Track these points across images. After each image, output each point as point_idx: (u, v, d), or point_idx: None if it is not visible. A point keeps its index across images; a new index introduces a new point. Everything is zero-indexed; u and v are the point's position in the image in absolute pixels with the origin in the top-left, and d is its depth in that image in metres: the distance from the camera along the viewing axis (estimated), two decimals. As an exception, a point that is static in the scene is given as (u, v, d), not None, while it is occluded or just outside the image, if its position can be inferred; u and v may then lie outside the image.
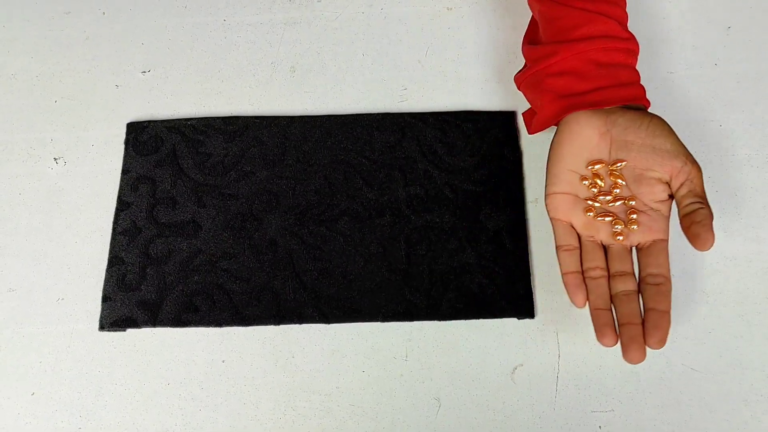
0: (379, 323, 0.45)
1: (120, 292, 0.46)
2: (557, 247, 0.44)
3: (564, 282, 0.42)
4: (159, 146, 0.51)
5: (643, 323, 0.40)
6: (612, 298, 0.42)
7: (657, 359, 0.44)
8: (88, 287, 0.46)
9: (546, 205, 0.44)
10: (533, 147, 0.50)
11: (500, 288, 0.46)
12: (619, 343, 0.40)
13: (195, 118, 0.52)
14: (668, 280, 0.41)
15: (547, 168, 0.45)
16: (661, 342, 0.39)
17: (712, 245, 0.40)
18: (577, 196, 0.44)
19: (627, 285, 0.42)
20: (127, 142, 0.51)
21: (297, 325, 0.45)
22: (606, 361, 0.44)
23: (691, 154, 0.42)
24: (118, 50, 0.55)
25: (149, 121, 0.52)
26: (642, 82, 0.46)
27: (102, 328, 0.45)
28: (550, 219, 0.44)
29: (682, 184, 0.42)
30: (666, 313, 0.40)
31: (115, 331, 0.45)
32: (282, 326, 0.45)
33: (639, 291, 0.42)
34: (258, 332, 0.45)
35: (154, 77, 0.54)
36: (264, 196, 0.49)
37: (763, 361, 0.43)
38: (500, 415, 0.42)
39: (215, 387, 0.43)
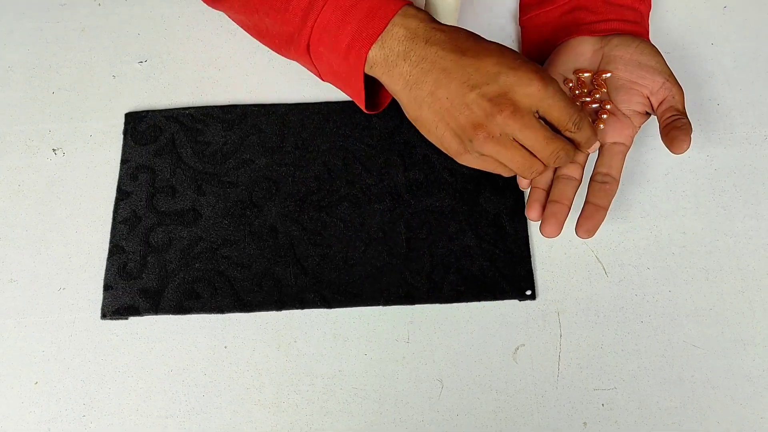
0: (380, 307, 0.45)
1: (121, 281, 0.46)
2: None
3: None
4: (158, 135, 0.51)
5: (581, 212, 0.43)
6: (553, 180, 0.44)
7: (659, 336, 0.44)
8: (89, 276, 0.46)
9: None
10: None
11: (501, 270, 0.46)
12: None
13: (193, 107, 0.52)
14: (615, 181, 0.43)
15: None
16: (589, 232, 0.42)
17: (687, 147, 0.42)
18: None
19: (570, 172, 0.44)
20: (125, 132, 0.51)
21: (299, 311, 0.45)
22: (608, 340, 0.44)
23: (674, 77, 0.45)
24: (114, 41, 0.55)
25: (147, 111, 0.52)
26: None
27: (104, 316, 0.45)
28: None
29: (663, 100, 0.44)
30: (602, 209, 0.42)
31: (117, 319, 0.45)
32: (284, 312, 0.45)
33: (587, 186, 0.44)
34: (260, 318, 0.45)
35: (151, 67, 0.54)
36: (263, 183, 0.49)
37: (764, 337, 0.43)
38: (503, 395, 0.42)
39: (218, 373, 0.43)
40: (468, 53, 0.39)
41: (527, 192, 0.48)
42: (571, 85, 0.47)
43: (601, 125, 0.45)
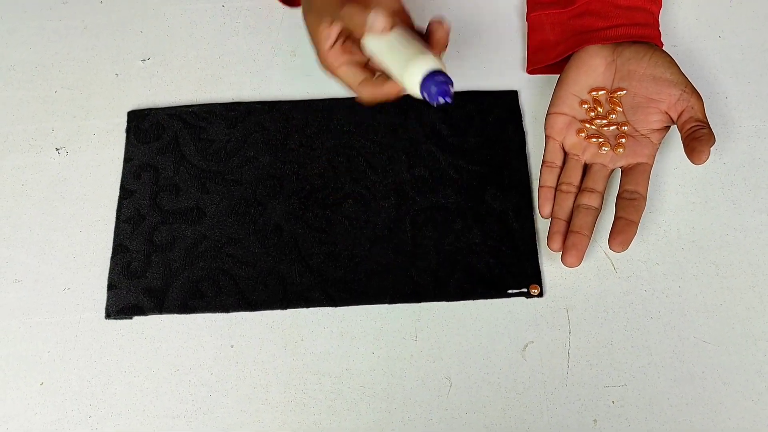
0: (386, 305, 0.45)
1: (125, 280, 0.46)
2: (542, 162, 0.46)
3: (538, 193, 0.46)
4: (161, 134, 0.50)
5: (611, 232, 0.43)
6: (573, 210, 0.44)
7: (669, 332, 0.43)
8: (93, 276, 0.46)
9: (545, 123, 0.47)
10: (537, 126, 0.50)
11: (508, 267, 0.45)
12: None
13: (196, 105, 0.51)
14: (643, 198, 0.44)
15: (553, 91, 0.47)
16: (623, 245, 0.42)
17: (706, 159, 0.42)
18: (574, 117, 0.47)
19: (590, 201, 0.44)
20: (128, 131, 0.51)
21: (304, 309, 0.45)
22: (617, 336, 0.43)
23: (692, 85, 0.44)
24: (116, 39, 0.55)
25: (150, 109, 0.51)
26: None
27: (108, 316, 0.45)
28: (545, 136, 0.47)
29: (683, 111, 0.44)
30: (633, 223, 0.43)
31: (122, 319, 0.45)
32: (290, 310, 0.45)
33: (604, 206, 0.45)
34: (266, 317, 0.45)
35: (154, 65, 0.53)
36: (268, 181, 0.49)
37: (775, 332, 0.43)
38: (512, 392, 0.42)
39: (225, 372, 0.43)
40: None
41: (535, 190, 0.47)
42: (586, 107, 0.47)
43: (620, 149, 0.45)
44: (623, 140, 0.45)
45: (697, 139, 0.42)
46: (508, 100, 0.51)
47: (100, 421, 0.42)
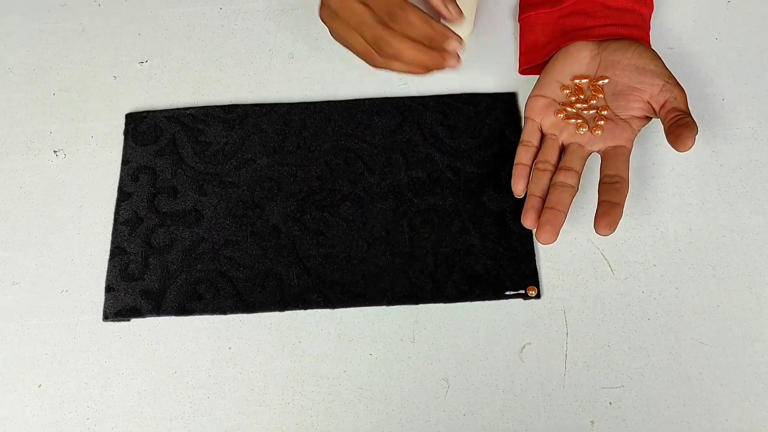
0: (384, 307, 0.45)
1: (123, 282, 0.46)
2: (520, 142, 0.47)
3: (513, 171, 0.46)
4: (158, 136, 0.50)
5: (597, 211, 0.42)
6: (549, 187, 0.44)
7: (666, 334, 0.43)
8: (91, 278, 0.46)
9: (524, 105, 0.48)
10: (535, 127, 0.50)
11: (505, 269, 0.45)
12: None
13: (194, 107, 0.51)
14: (625, 181, 0.43)
15: (538, 78, 0.48)
16: (609, 226, 0.42)
17: (692, 144, 0.42)
18: (554, 100, 0.47)
19: (566, 178, 0.44)
20: (126, 133, 0.51)
21: (302, 311, 0.45)
22: (614, 338, 0.43)
23: (674, 78, 0.45)
24: (114, 41, 0.55)
25: (148, 111, 0.51)
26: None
27: (106, 318, 0.45)
28: (524, 118, 0.48)
29: (665, 102, 0.44)
30: (618, 205, 0.42)
31: (120, 321, 0.45)
32: (287, 312, 0.45)
33: (583, 190, 0.45)
34: (263, 319, 0.45)
35: (152, 67, 0.53)
36: (265, 183, 0.49)
37: (772, 334, 0.43)
38: (509, 394, 0.42)
39: (222, 374, 0.43)
40: None
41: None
42: (567, 91, 0.47)
43: (598, 131, 0.45)
44: (602, 123, 0.45)
45: (681, 126, 0.42)
46: (507, 102, 0.51)
47: (97, 423, 0.42)
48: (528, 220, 0.43)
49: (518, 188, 0.45)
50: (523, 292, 0.45)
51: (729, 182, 0.48)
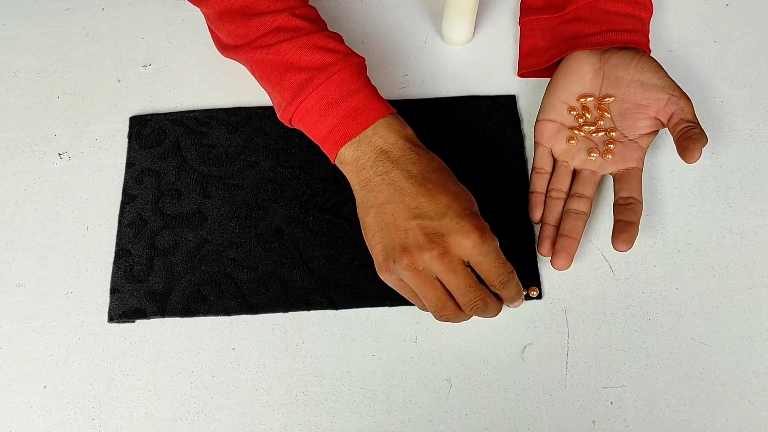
0: (387, 307, 0.45)
1: (128, 284, 0.46)
2: (533, 168, 0.48)
3: (529, 198, 0.47)
4: (162, 139, 0.51)
5: (615, 231, 0.43)
6: (562, 215, 0.46)
7: (666, 334, 0.44)
8: (96, 280, 0.46)
9: (534, 130, 0.48)
10: (535, 129, 0.50)
11: (507, 270, 0.46)
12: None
13: (197, 110, 0.52)
14: (639, 202, 0.45)
15: (542, 98, 0.48)
16: (627, 242, 0.43)
17: (699, 157, 0.42)
18: (562, 124, 0.48)
19: (579, 206, 0.45)
20: (130, 136, 0.51)
21: (306, 312, 0.45)
22: (615, 338, 0.44)
23: (679, 88, 0.45)
24: (118, 45, 0.55)
25: (152, 115, 0.52)
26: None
27: (111, 319, 0.45)
28: (535, 143, 0.48)
29: (672, 114, 0.44)
30: (634, 224, 0.43)
31: (124, 322, 0.45)
32: (291, 313, 0.45)
33: (597, 210, 0.46)
34: (267, 320, 0.45)
35: (156, 71, 0.54)
36: (269, 185, 0.49)
37: (772, 333, 0.43)
38: (511, 393, 0.42)
39: (226, 375, 0.44)
40: (428, 184, 0.40)
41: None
42: (575, 113, 0.47)
43: (609, 155, 0.46)
44: (612, 146, 0.46)
45: (690, 138, 0.43)
46: (507, 104, 0.51)
47: (102, 424, 0.42)
48: (544, 249, 0.45)
49: (536, 216, 0.46)
50: (524, 292, 0.45)
51: (728, 183, 0.48)
